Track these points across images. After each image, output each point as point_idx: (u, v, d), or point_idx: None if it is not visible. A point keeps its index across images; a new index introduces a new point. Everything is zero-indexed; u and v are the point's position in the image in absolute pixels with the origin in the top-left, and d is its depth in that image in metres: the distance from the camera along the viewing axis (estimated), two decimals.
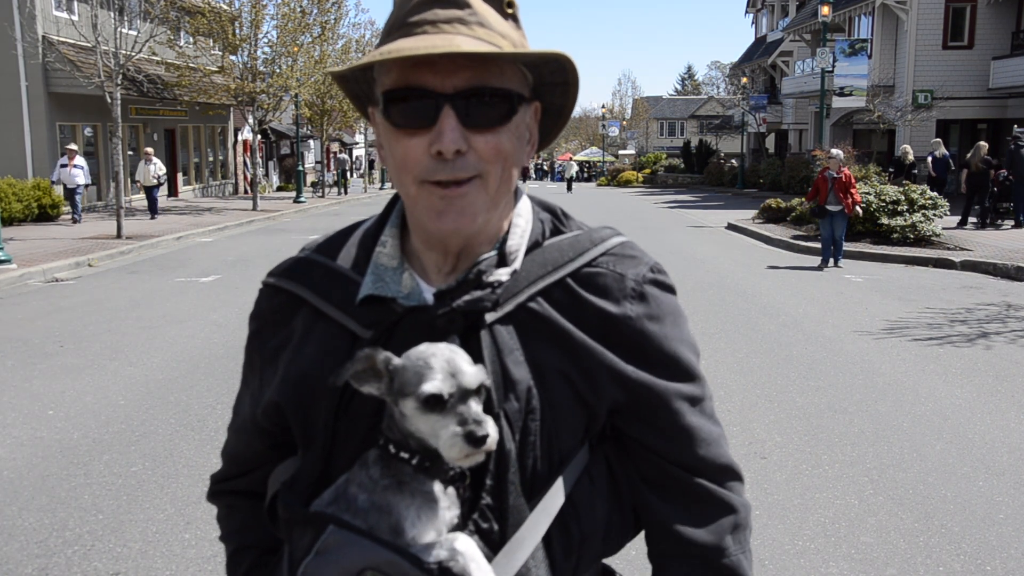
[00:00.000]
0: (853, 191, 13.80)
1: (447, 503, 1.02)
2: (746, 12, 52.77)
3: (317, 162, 44.09)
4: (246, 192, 36.24)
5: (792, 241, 17.05)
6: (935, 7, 28.57)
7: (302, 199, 30.97)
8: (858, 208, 13.97)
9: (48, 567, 3.90)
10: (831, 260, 13.98)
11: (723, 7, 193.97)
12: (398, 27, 1.06)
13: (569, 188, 45.83)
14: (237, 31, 26.53)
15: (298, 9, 27.95)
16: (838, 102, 27.36)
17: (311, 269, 1.20)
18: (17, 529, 4.28)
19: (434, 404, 0.97)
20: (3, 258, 13.06)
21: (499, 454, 1.05)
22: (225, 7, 26.44)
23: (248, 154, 35.17)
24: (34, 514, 4.45)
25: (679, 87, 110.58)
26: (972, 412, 6.18)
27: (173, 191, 31.41)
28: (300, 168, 32.81)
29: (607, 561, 1.26)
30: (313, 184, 41.14)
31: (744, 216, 22.66)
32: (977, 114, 29.27)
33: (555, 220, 1.20)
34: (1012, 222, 18.86)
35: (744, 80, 45.14)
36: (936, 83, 28.41)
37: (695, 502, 1.17)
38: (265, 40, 27.64)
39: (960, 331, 8.97)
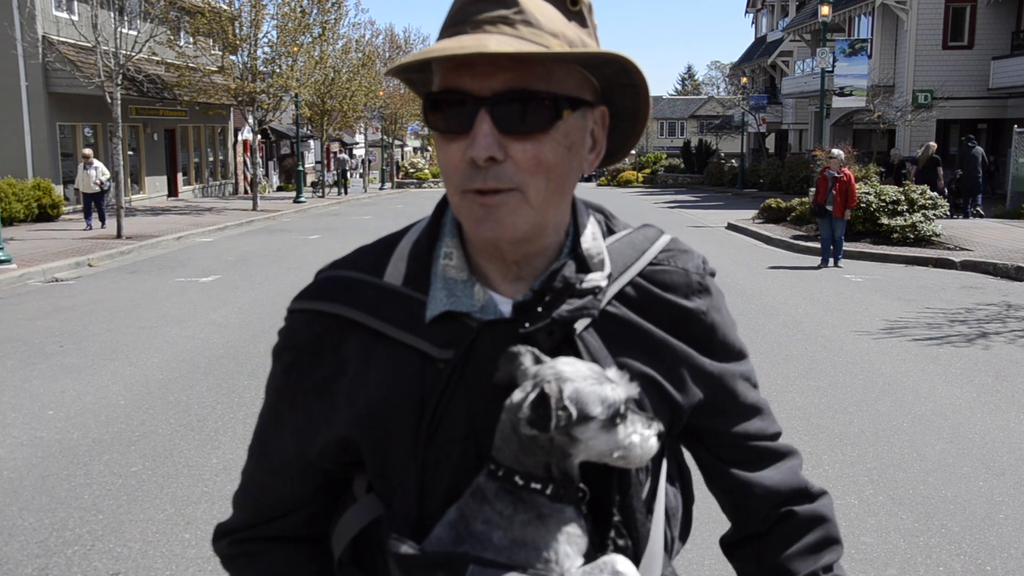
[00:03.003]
0: (852, 193, 13.75)
1: (583, 527, 0.99)
2: (746, 12, 52.77)
3: (317, 162, 44.10)
4: (246, 192, 36.24)
5: (792, 241, 17.05)
6: (935, 7, 28.57)
7: (302, 199, 30.97)
8: (847, 212, 13.86)
9: (48, 567, 3.90)
10: (831, 260, 13.98)
11: (723, 7, 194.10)
12: (445, 27, 1.01)
13: None
14: (237, 31, 26.54)
15: (298, 9, 27.97)
16: (838, 102, 27.35)
17: (358, 288, 1.09)
18: (17, 529, 4.28)
19: (620, 415, 0.94)
20: (3, 258, 13.07)
21: (621, 470, 1.02)
22: (225, 7, 26.43)
23: (248, 154, 35.18)
24: (34, 514, 4.45)
25: (679, 87, 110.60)
26: (972, 412, 6.18)
27: (173, 191, 31.42)
28: (300, 168, 32.82)
29: None
30: (313, 184, 41.13)
31: (744, 216, 22.67)
32: (977, 114, 29.26)
33: (607, 220, 1.18)
34: (962, 215, 20.53)
35: (744, 80, 45.14)
36: (936, 83, 28.41)
37: (773, 461, 1.23)
38: (265, 40, 27.67)
39: (960, 331, 8.97)
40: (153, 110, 28.21)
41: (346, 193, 38.32)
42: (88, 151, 20.22)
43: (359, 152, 53.86)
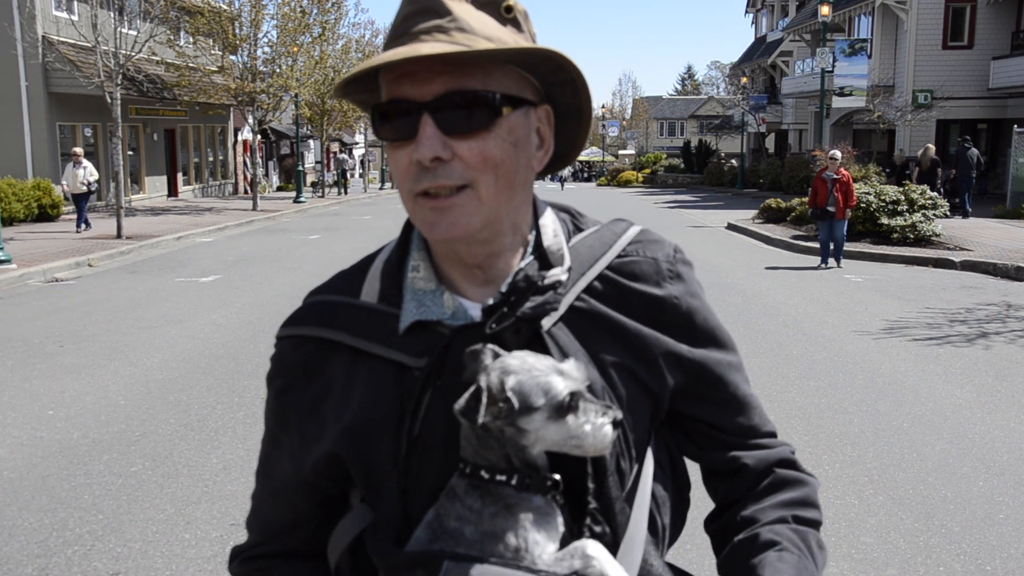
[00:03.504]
0: (851, 193, 13.72)
1: (555, 515, 1.01)
2: (746, 12, 52.77)
3: (317, 162, 44.10)
4: (246, 192, 36.24)
5: (792, 241, 17.05)
6: (935, 7, 28.57)
7: (302, 199, 30.97)
8: (848, 211, 13.81)
9: (48, 567, 3.90)
10: (831, 260, 13.98)
11: (723, 7, 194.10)
12: (386, 44, 1.05)
13: (562, 186, 48.64)
14: (237, 31, 26.55)
15: (298, 9, 27.97)
16: (838, 102, 27.36)
17: (336, 310, 1.14)
18: (17, 529, 4.28)
19: (568, 407, 0.96)
20: (3, 258, 13.07)
21: (596, 458, 1.04)
22: (225, 7, 26.44)
23: (248, 154, 35.17)
24: (34, 514, 4.45)
25: (679, 87, 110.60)
26: (972, 412, 6.18)
27: (173, 191, 31.43)
28: (300, 168, 32.83)
29: None
30: (313, 184, 41.15)
31: (744, 216, 22.67)
32: (977, 114, 29.27)
33: (573, 219, 1.20)
34: (961, 215, 20.71)
35: (744, 80, 45.15)
36: (936, 83, 28.42)
37: (751, 450, 1.22)
38: (265, 40, 27.68)
39: (960, 331, 8.97)
40: (153, 110, 28.22)
41: (346, 193, 38.32)
42: (79, 150, 19.89)
43: (358, 152, 53.85)
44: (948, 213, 17.92)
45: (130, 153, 27.27)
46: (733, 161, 41.60)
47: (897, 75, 29.85)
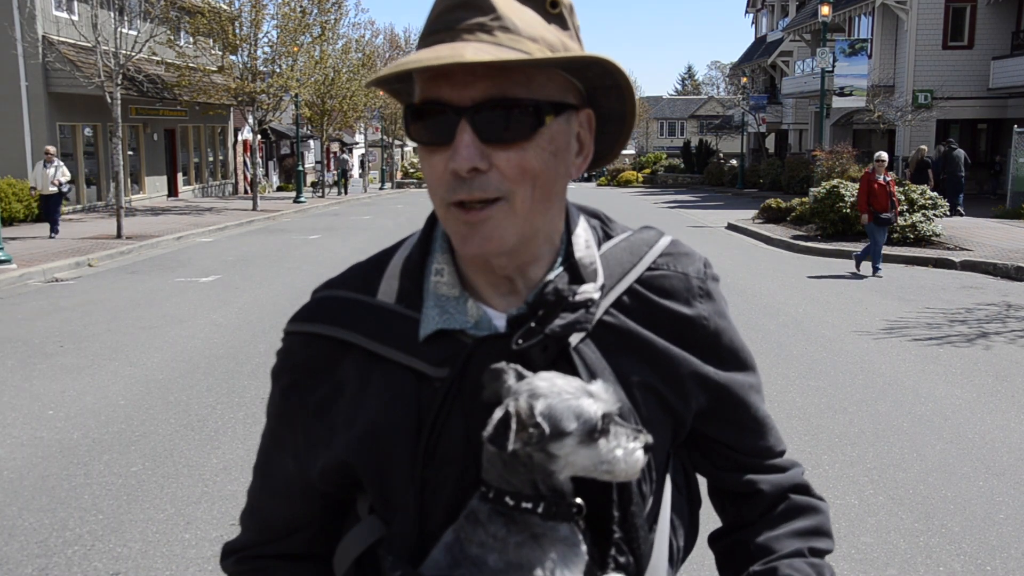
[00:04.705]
0: (893, 195, 12.90)
1: (580, 544, 0.97)
2: (746, 12, 52.76)
3: (317, 162, 44.10)
4: (246, 192, 36.25)
5: (792, 241, 17.05)
6: (935, 7, 28.57)
7: (302, 199, 30.97)
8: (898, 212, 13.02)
9: (48, 567, 3.90)
10: (866, 266, 13.22)
11: (723, 7, 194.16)
12: (423, 37, 0.98)
13: None
14: (237, 31, 26.55)
15: (298, 9, 27.97)
16: (838, 102, 27.35)
17: (351, 308, 1.08)
18: (17, 529, 4.28)
19: (600, 430, 0.92)
20: (3, 258, 13.07)
21: (621, 484, 1.00)
22: (225, 7, 26.45)
23: (248, 154, 35.18)
24: (34, 514, 4.45)
25: (679, 87, 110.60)
26: (972, 412, 6.18)
27: (173, 191, 31.43)
28: (300, 168, 32.82)
29: None
30: (313, 184, 41.14)
31: (744, 216, 22.66)
32: (977, 114, 29.27)
33: (603, 225, 1.15)
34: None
35: (744, 80, 45.14)
36: (936, 83, 28.41)
37: (781, 471, 1.20)
38: (265, 40, 27.67)
39: (960, 331, 8.97)
40: (153, 110, 28.22)
41: (346, 193, 38.32)
42: (51, 148, 18.48)
43: (358, 152, 53.85)
44: (948, 213, 17.92)
45: (130, 153, 27.27)
46: (733, 161, 41.59)
47: (897, 75, 29.85)
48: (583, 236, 1.09)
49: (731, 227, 20.96)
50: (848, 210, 16.74)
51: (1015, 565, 3.94)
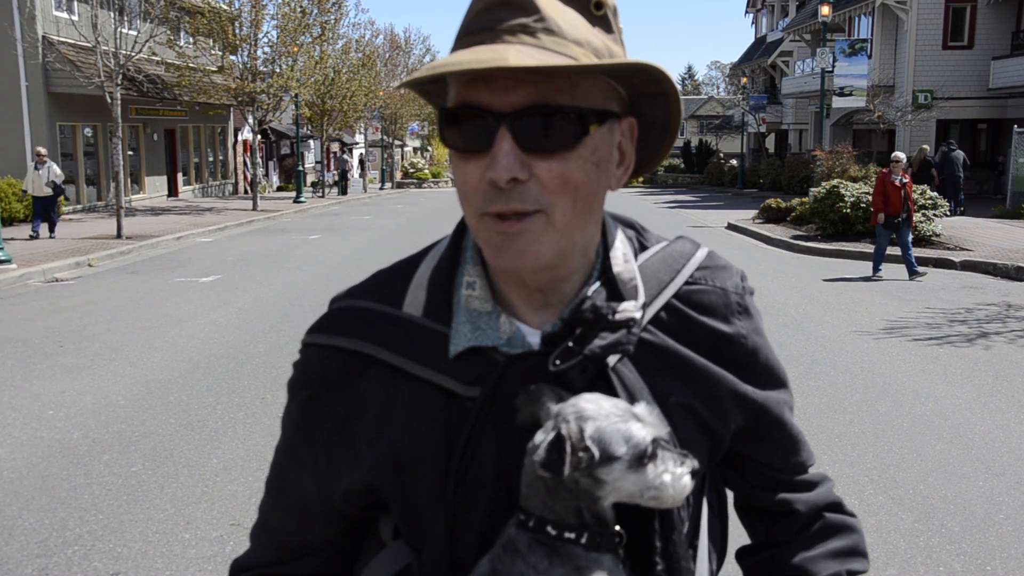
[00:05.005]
0: (911, 197, 12.47)
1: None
2: (746, 12, 52.76)
3: (317, 162, 44.10)
4: (246, 192, 36.25)
5: (792, 241, 17.05)
6: (935, 7, 28.57)
7: (302, 199, 30.97)
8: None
9: (48, 567, 3.90)
10: (880, 268, 12.88)
11: (723, 7, 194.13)
12: (461, 36, 0.93)
13: None
14: (237, 31, 26.55)
15: (298, 9, 27.98)
16: (838, 102, 27.35)
17: (374, 321, 1.02)
18: (17, 529, 4.28)
19: (649, 455, 0.88)
20: (3, 258, 13.07)
21: (662, 512, 0.96)
22: (225, 7, 26.45)
23: (248, 154, 35.18)
24: (34, 514, 4.45)
25: (679, 87, 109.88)
26: (972, 412, 6.18)
27: (173, 191, 31.43)
28: (300, 168, 32.82)
29: None
30: (313, 184, 41.14)
31: (744, 216, 22.67)
32: (977, 114, 29.27)
33: (638, 235, 1.11)
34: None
35: (744, 80, 45.14)
36: (936, 83, 28.42)
37: (812, 488, 1.19)
38: (265, 40, 27.69)
39: (960, 331, 8.97)
40: (153, 110, 28.22)
41: (346, 193, 38.33)
42: (42, 150, 18.38)
43: (358, 152, 53.86)
44: (948, 213, 17.92)
45: (130, 153, 27.27)
46: (733, 161, 41.60)
47: (897, 75, 29.85)
48: (620, 249, 1.04)
49: (731, 227, 20.97)
50: (848, 210, 16.74)
51: (1015, 565, 3.94)
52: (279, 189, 41.03)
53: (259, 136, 28.98)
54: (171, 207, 27.23)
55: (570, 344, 0.95)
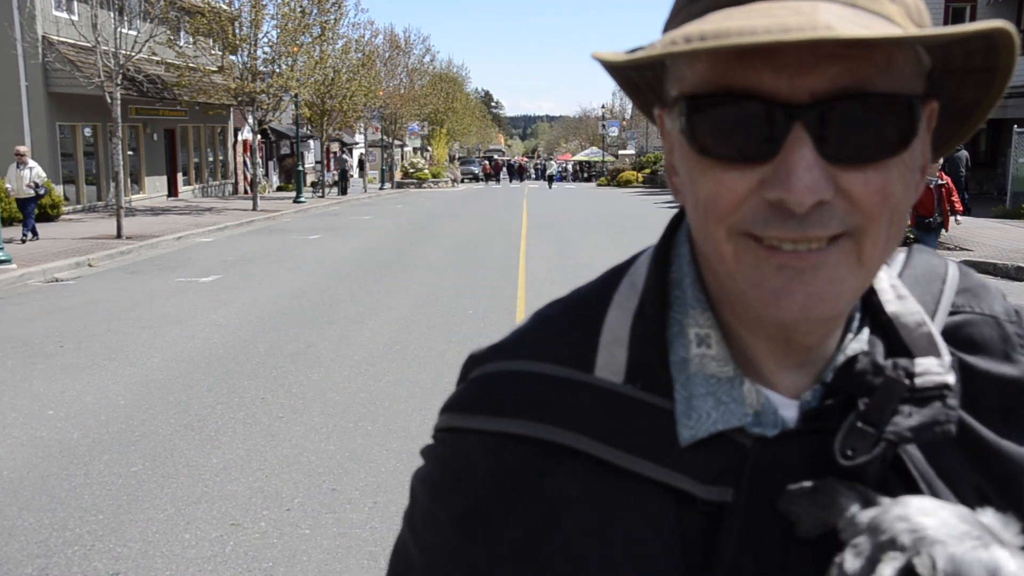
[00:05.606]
0: (954, 199, 11.55)
1: None
2: None
3: (317, 162, 44.12)
4: (246, 192, 36.26)
5: None
6: (935, 7, 28.62)
7: (302, 199, 30.98)
8: (956, 219, 11.88)
9: (48, 567, 3.91)
10: None
11: None
12: None
13: (550, 185, 51.41)
14: (237, 31, 26.58)
15: (298, 9, 28.02)
16: None
17: (562, 394, 0.72)
18: (17, 529, 4.28)
19: None
20: (3, 258, 13.08)
21: None
22: (225, 7, 26.48)
23: (248, 154, 35.19)
24: (34, 514, 4.45)
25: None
26: None
27: (173, 191, 31.44)
28: (300, 168, 32.84)
29: None
30: (313, 184, 41.16)
31: None
32: None
33: None
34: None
35: None
36: None
37: None
38: (265, 40, 27.71)
39: None
40: (153, 110, 28.23)
41: (346, 193, 38.34)
42: (23, 149, 17.28)
43: (357, 152, 53.90)
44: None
45: (130, 153, 27.28)
46: None
47: None
48: (886, 280, 0.75)
49: None
50: None
51: None
52: (279, 189, 41.05)
53: (259, 136, 29.00)
54: (171, 207, 27.24)
55: (859, 424, 0.67)
